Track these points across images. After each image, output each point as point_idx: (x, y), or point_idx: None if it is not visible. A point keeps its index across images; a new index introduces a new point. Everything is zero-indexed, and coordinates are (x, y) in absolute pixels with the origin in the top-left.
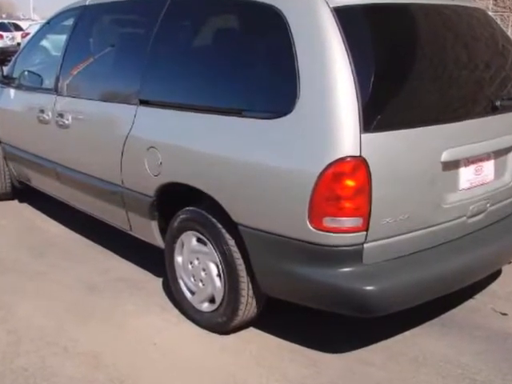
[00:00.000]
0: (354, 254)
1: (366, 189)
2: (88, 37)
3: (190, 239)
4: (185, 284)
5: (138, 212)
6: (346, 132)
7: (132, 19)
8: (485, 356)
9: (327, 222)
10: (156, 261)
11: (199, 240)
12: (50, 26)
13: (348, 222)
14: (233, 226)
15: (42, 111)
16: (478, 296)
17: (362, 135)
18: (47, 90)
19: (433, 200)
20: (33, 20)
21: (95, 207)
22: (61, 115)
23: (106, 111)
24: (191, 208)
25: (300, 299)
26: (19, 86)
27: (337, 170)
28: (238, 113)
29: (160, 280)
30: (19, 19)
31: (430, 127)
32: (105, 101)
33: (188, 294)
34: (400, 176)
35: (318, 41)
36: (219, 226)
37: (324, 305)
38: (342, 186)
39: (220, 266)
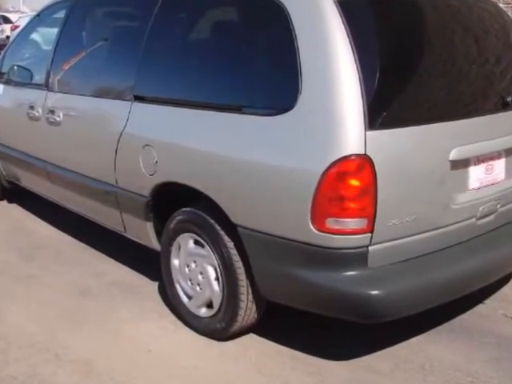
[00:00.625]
0: (358, 257)
1: (371, 189)
2: (80, 30)
3: (186, 241)
4: (182, 288)
5: (133, 213)
6: (350, 129)
7: (126, 11)
8: (495, 363)
9: (330, 223)
10: (151, 264)
11: (196, 242)
12: (40, 18)
13: (352, 223)
14: (232, 228)
15: (32, 107)
16: (487, 301)
17: (367, 132)
18: (37, 86)
19: (441, 200)
20: (22, 12)
21: (88, 208)
22: (52, 112)
23: (99, 107)
24: (188, 209)
25: (301, 304)
26: (8, 81)
27: (340, 169)
28: (237, 109)
29: (155, 284)
30: (8, 11)
31: (437, 124)
32: (98, 97)
33: (185, 299)
34: (407, 175)
35: (320, 34)
36: (217, 227)
37: (326, 310)
38: (346, 185)
39: (218, 270)
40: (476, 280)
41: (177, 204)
